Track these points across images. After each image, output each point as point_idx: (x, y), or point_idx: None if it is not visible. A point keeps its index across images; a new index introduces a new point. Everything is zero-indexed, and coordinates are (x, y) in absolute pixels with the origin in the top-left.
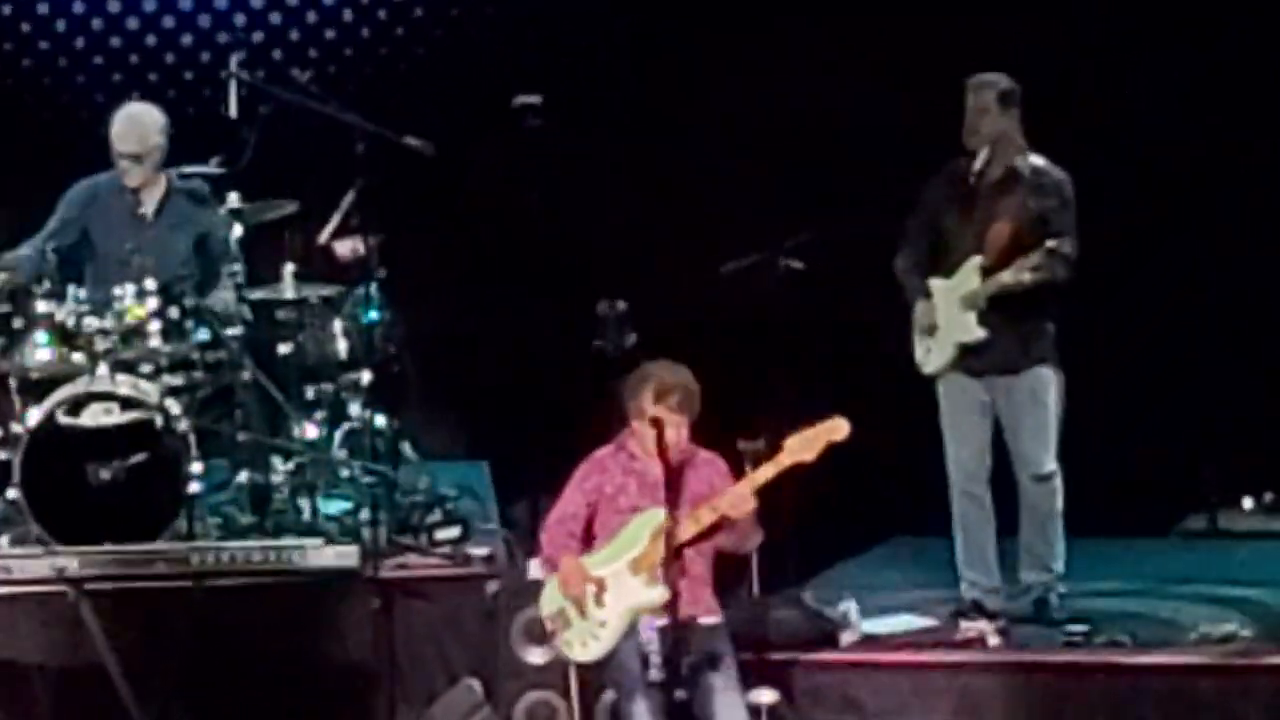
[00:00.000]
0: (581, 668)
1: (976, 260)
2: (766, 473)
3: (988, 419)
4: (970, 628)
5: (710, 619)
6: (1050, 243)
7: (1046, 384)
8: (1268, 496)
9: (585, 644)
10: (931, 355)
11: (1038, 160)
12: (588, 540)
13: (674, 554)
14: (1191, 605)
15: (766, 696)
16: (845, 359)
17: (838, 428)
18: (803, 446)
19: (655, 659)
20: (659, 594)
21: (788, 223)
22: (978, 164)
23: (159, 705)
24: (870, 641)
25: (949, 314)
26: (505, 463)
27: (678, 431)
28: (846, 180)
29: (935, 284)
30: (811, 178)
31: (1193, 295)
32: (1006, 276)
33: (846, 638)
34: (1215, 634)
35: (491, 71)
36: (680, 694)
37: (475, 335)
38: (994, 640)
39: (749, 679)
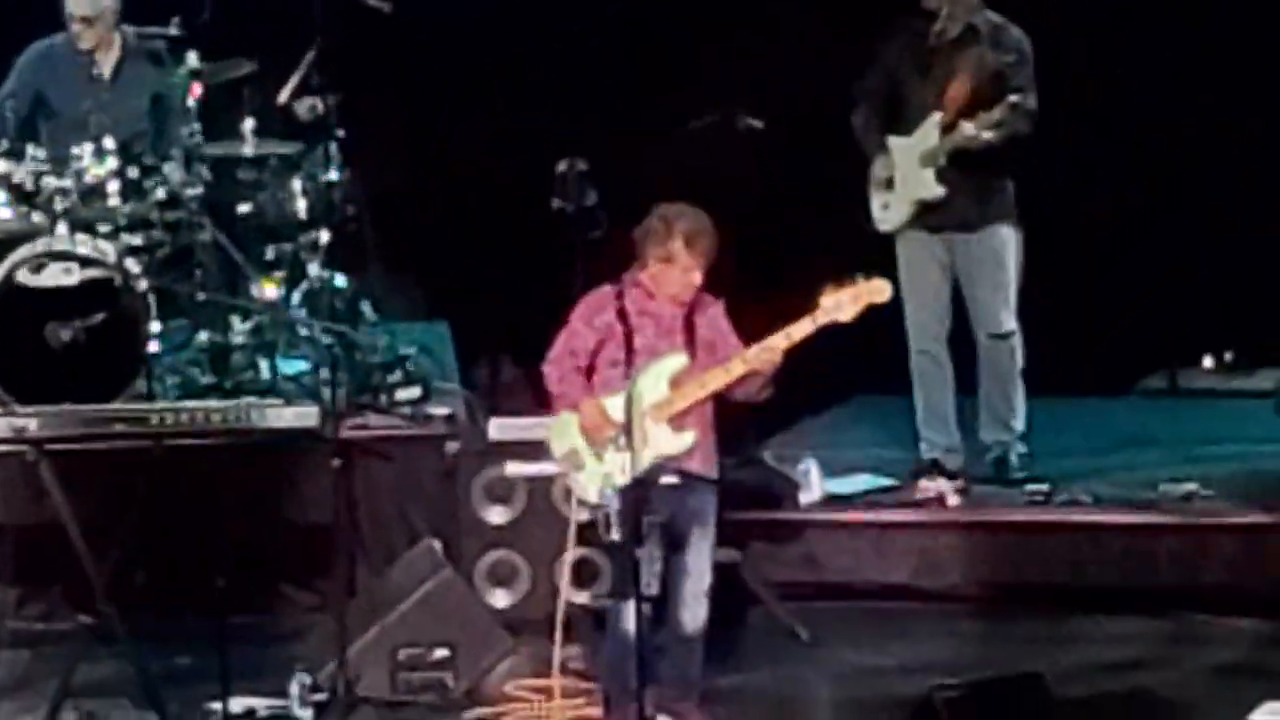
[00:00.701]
0: (550, 530)
1: (936, 117)
2: (803, 328)
3: (947, 278)
4: (930, 487)
5: (708, 473)
6: (1013, 98)
7: (1006, 242)
8: (1228, 355)
9: (602, 489)
10: (889, 212)
11: (995, 17)
12: (590, 377)
13: (695, 403)
14: (1152, 464)
15: (726, 555)
16: (805, 217)
17: (880, 289)
18: (839, 306)
19: (614, 519)
20: (683, 441)
21: (748, 81)
22: (937, 23)
23: (117, 564)
24: (830, 501)
25: (908, 171)
26: (465, 322)
27: (700, 275)
28: (807, 37)
29: (894, 141)
30: (771, 35)
31: (1154, 151)
32: (968, 130)
33: (807, 497)
34: (1175, 493)
35: None
36: (640, 554)
37: (435, 195)
38: (954, 500)
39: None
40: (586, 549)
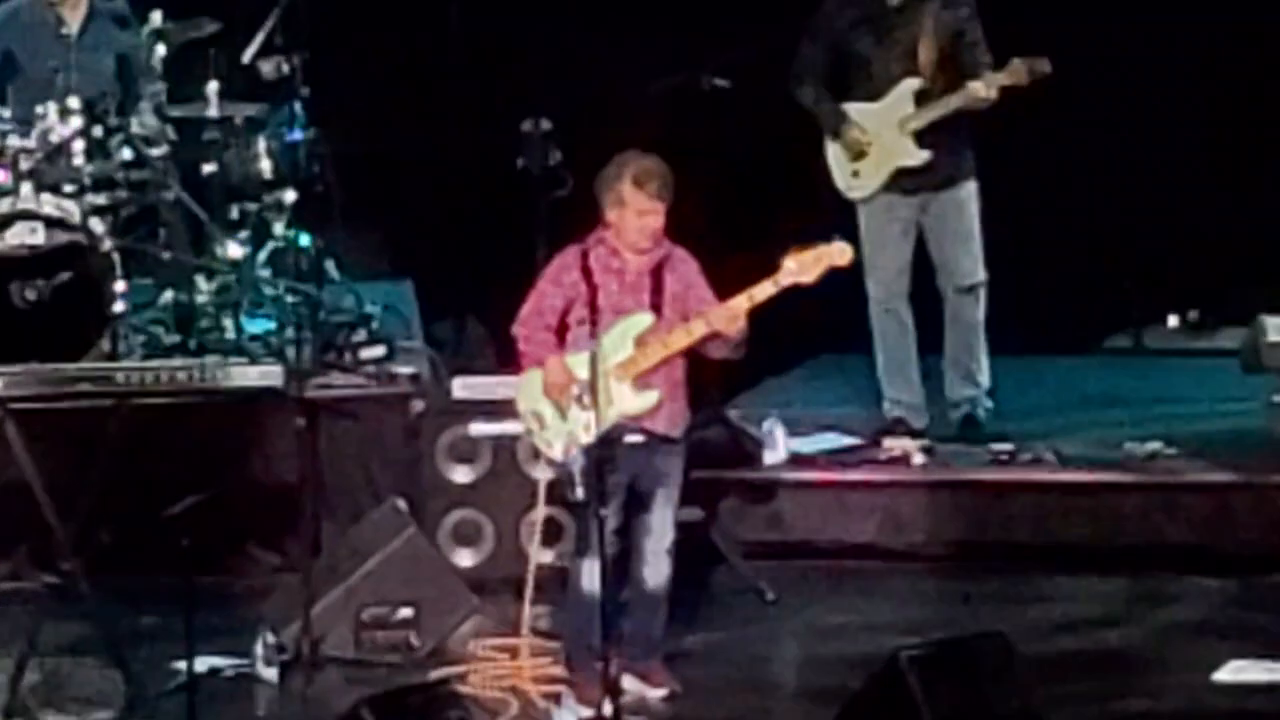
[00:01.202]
0: (514, 489)
1: (914, 83)
2: (764, 291)
3: (910, 237)
4: (894, 445)
5: (672, 432)
6: (1016, 61)
7: (971, 195)
8: (1192, 314)
9: (567, 446)
10: (861, 179)
11: None
12: (561, 336)
13: (659, 362)
14: (1117, 423)
15: (690, 515)
16: (771, 178)
17: (842, 252)
18: (802, 268)
19: (578, 478)
20: (646, 400)
21: (714, 41)
22: None
23: (83, 523)
24: (795, 460)
25: (882, 138)
26: (430, 281)
27: (658, 219)
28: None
29: (858, 109)
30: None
31: (1119, 110)
32: (979, 91)
33: (771, 456)
34: (1140, 452)
35: None
36: (604, 512)
37: (400, 154)
38: (918, 458)
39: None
40: (551, 508)
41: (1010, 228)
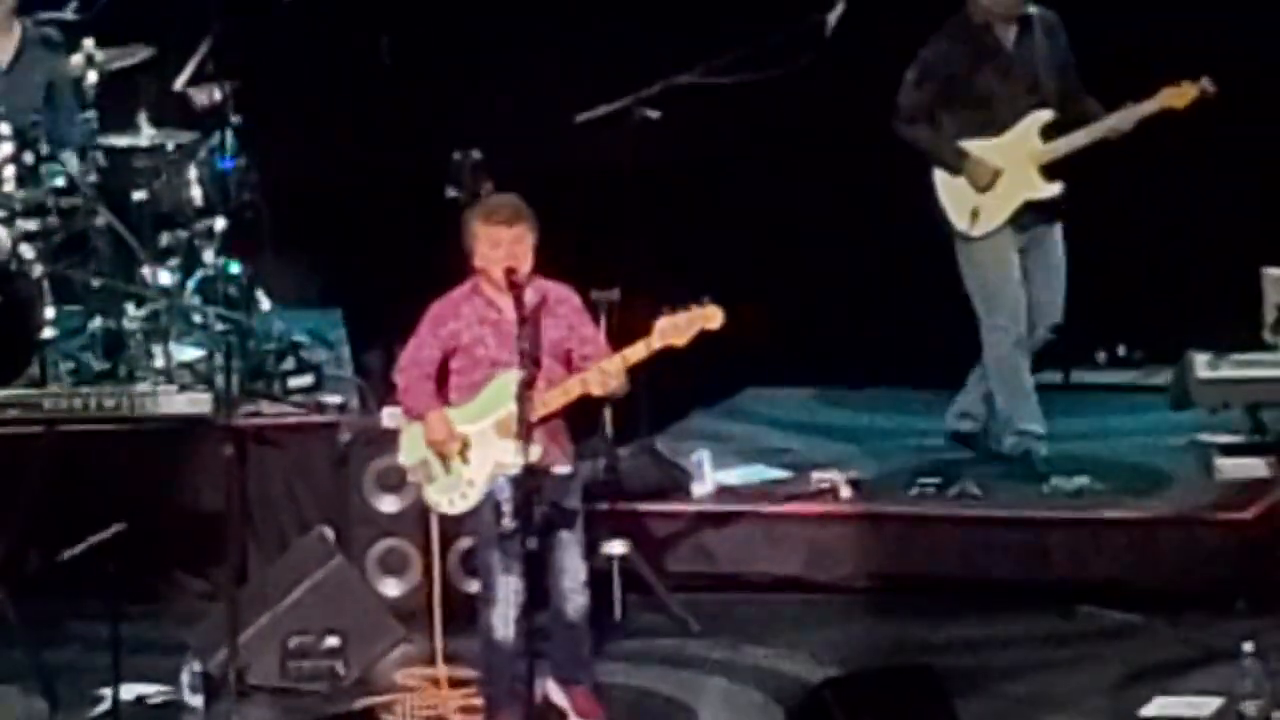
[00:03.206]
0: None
1: (1044, 115)
2: (637, 353)
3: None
4: (822, 479)
5: (563, 469)
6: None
7: (1061, 234)
8: (1121, 350)
9: (452, 501)
10: (983, 217)
11: (1032, 7)
12: (441, 383)
13: (538, 420)
14: (1044, 458)
15: (618, 547)
16: (700, 209)
17: (711, 316)
18: (674, 330)
19: (506, 508)
20: (530, 455)
21: (644, 72)
22: (995, 27)
23: (10, 549)
24: (723, 492)
25: (1013, 172)
26: (359, 310)
27: (522, 245)
28: (702, 29)
29: (979, 145)
30: (669, 29)
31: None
32: (1115, 123)
33: (699, 488)
34: (1067, 487)
35: None
36: (532, 543)
37: (330, 183)
38: (845, 492)
39: (602, 529)
40: (474, 538)
41: (941, 265)
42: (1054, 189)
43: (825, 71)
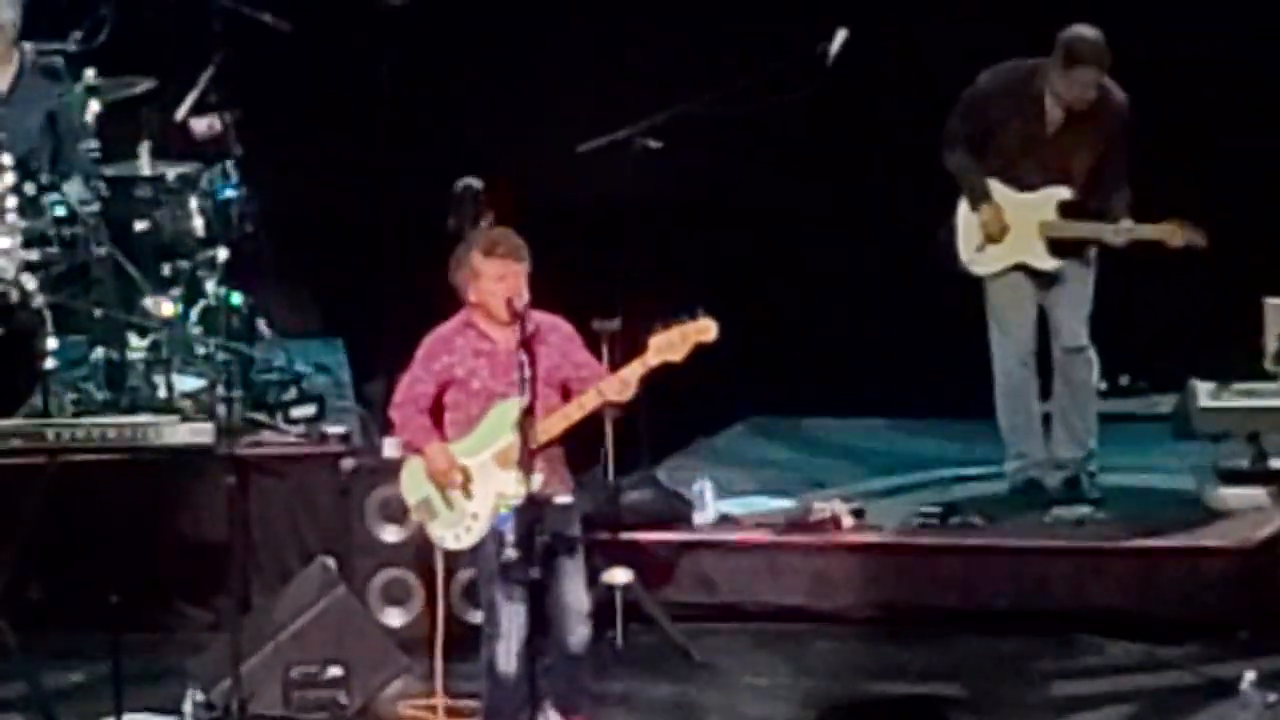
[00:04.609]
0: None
1: (1064, 192)
2: (634, 372)
3: (1035, 300)
4: (824, 509)
5: (564, 498)
6: (1145, 229)
7: (1089, 263)
8: (1124, 379)
9: (457, 536)
10: (985, 259)
11: (1107, 81)
12: (437, 417)
13: (538, 448)
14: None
15: (621, 576)
16: (701, 239)
17: (705, 329)
18: (669, 347)
19: (509, 538)
20: (531, 485)
21: (645, 103)
22: (1064, 100)
23: (11, 579)
24: (725, 521)
25: (1020, 231)
26: (361, 340)
27: (520, 279)
28: (704, 60)
29: (1003, 191)
30: (670, 59)
31: None
32: (1107, 237)
33: (701, 518)
34: (1068, 517)
35: None
36: (534, 573)
37: (332, 213)
38: (848, 521)
39: (603, 559)
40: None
41: (944, 290)
42: (1051, 264)
43: (827, 101)
